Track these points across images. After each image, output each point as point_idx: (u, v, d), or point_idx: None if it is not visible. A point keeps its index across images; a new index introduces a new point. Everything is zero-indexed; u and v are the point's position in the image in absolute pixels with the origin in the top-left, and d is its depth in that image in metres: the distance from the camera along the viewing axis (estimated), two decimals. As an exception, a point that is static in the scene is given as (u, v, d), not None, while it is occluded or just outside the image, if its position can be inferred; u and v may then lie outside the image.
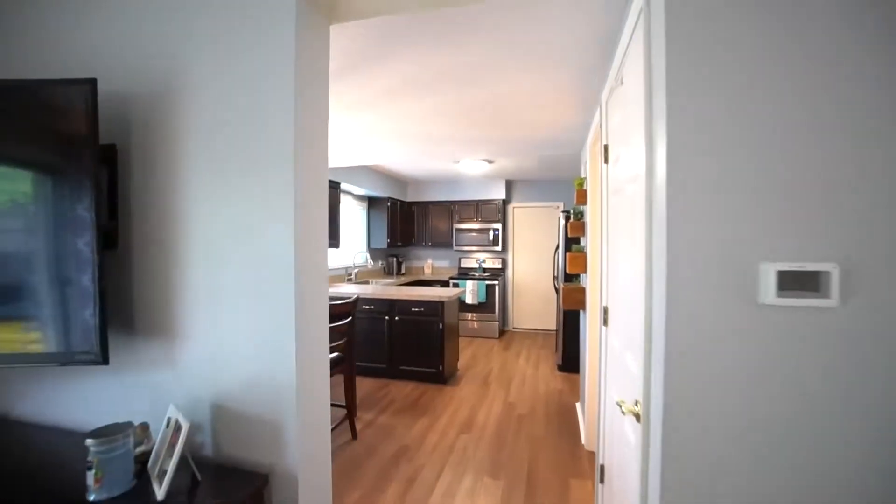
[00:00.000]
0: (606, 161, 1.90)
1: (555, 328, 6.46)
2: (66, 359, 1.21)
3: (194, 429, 1.30)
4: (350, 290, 4.62)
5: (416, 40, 1.76)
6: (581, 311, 3.49)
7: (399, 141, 3.52)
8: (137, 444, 1.21)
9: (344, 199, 5.72)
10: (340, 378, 3.16)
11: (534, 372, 4.69)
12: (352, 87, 2.28)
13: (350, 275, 5.75)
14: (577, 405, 3.62)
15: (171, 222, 1.32)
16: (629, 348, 1.35)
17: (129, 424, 1.12)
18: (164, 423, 1.18)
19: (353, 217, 6.13)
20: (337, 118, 2.87)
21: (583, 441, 2.97)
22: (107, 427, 1.08)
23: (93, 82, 1.18)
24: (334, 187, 4.86)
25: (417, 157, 4.29)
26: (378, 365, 4.39)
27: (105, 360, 1.21)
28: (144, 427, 1.23)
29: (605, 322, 1.90)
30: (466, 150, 3.99)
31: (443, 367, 4.17)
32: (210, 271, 1.28)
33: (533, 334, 6.59)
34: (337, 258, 5.61)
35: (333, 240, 4.83)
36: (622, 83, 1.53)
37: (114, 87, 1.34)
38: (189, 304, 1.30)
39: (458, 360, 4.69)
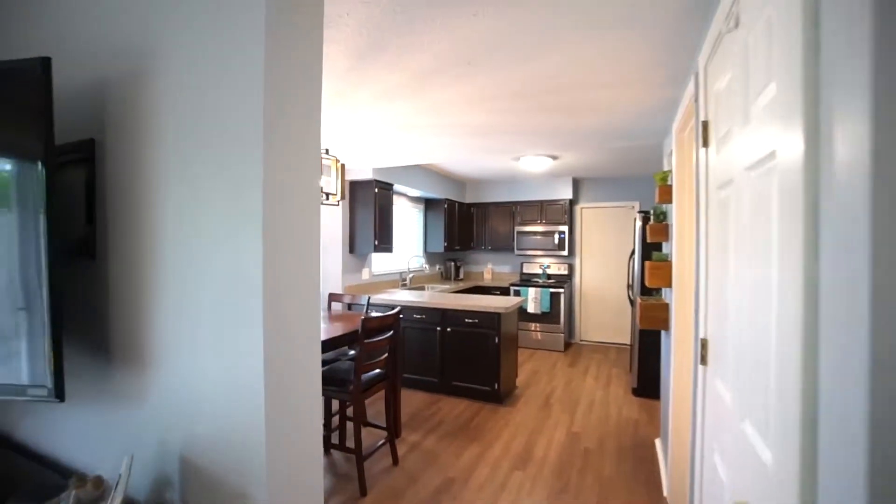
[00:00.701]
0: (706, 144, 1.42)
1: (629, 343, 5.78)
2: (15, 392, 1.02)
3: (163, 484, 1.06)
4: (402, 297, 4.38)
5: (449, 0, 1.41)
6: (663, 332, 2.92)
7: (446, 136, 3.19)
8: (93, 500, 0.99)
9: (398, 200, 5.53)
10: (384, 394, 2.90)
11: (604, 394, 4.12)
12: (381, 71, 1.98)
13: (405, 280, 5.54)
14: (657, 442, 3.05)
15: (143, 228, 1.09)
16: (754, 420, 0.89)
17: (64, 486, 0.88)
18: (115, 480, 0.94)
19: (408, 220, 5.92)
20: (368, 110, 2.59)
21: (665, 492, 2.43)
22: (36, 490, 0.86)
23: (46, 61, 0.98)
24: (386, 188, 4.66)
25: (472, 155, 3.94)
26: (429, 379, 4.10)
27: (60, 397, 1.00)
28: (98, 482, 1.00)
29: (703, 360, 1.41)
30: (526, 145, 3.56)
31: (498, 386, 3.78)
32: (183, 289, 1.02)
33: (603, 348, 5.95)
34: (390, 263, 5.43)
35: (386, 244, 4.63)
36: (737, 25, 1.06)
37: (88, 74, 1.15)
38: (161, 329, 1.06)
39: (516, 375, 4.27)
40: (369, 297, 3.42)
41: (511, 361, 4.07)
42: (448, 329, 3.98)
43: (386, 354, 2.71)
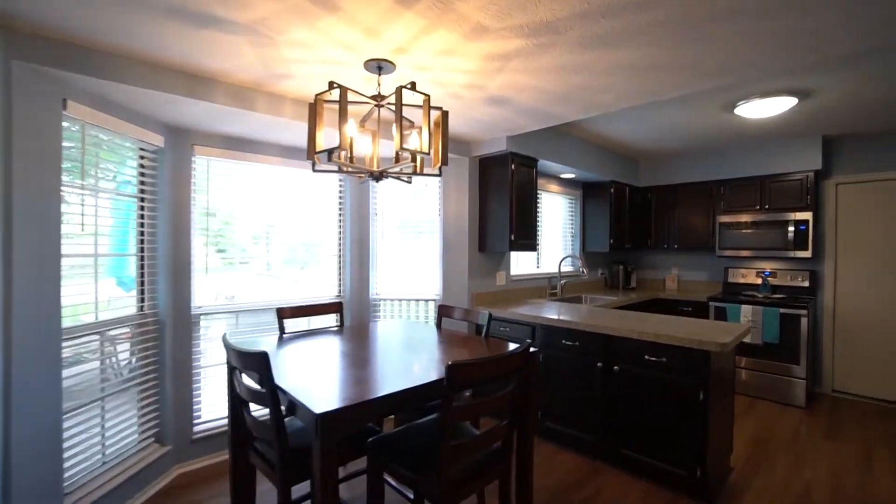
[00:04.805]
0: None
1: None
2: None
3: None
4: (547, 312, 3.17)
5: None
6: None
7: (604, 47, 1.88)
8: None
9: (546, 185, 4.30)
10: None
11: (926, 518, 2.20)
12: None
13: (554, 288, 4.29)
14: None
15: None
16: None
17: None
18: None
19: (559, 210, 4.63)
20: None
21: None
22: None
23: None
24: (527, 165, 3.51)
25: (655, 95, 2.50)
26: (583, 436, 2.80)
27: None
28: None
29: None
30: (748, 65, 1.99)
31: (703, 471, 2.27)
32: None
33: (888, 413, 3.66)
34: (535, 264, 4.25)
35: (527, 238, 3.50)
36: None
37: None
38: None
39: (731, 449, 2.64)
40: (490, 314, 2.34)
41: (724, 429, 2.49)
42: (616, 368, 2.62)
43: (506, 422, 1.59)
